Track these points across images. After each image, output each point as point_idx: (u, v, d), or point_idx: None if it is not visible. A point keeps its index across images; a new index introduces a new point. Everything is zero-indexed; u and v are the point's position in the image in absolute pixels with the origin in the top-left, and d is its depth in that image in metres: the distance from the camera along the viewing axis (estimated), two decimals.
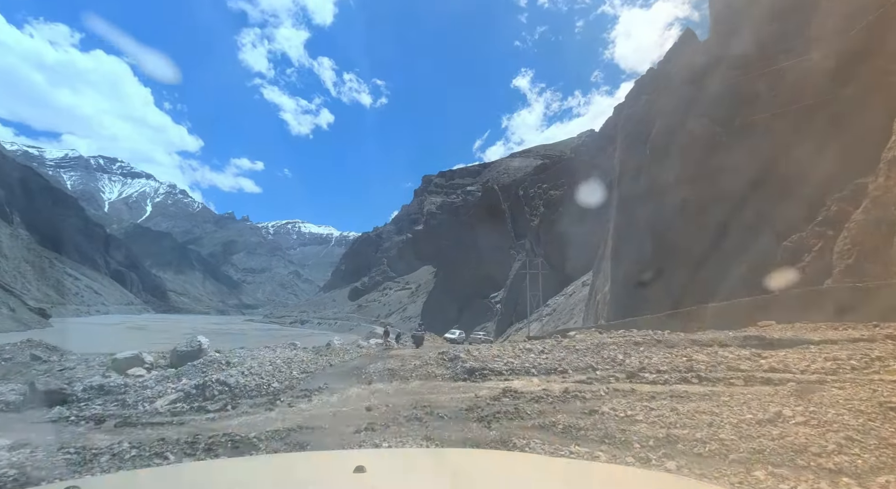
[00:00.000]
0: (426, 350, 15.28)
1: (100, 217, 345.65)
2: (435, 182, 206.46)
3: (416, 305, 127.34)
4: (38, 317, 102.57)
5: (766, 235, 23.70)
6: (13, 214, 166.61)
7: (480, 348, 10.16)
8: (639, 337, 9.82)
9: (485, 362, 8.18)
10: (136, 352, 9.63)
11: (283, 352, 10.88)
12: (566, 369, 7.36)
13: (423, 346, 21.14)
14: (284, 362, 9.46)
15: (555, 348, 9.43)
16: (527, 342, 25.42)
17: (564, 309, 68.42)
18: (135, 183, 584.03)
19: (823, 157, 21.44)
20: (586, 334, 21.47)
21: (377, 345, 21.80)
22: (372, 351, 15.26)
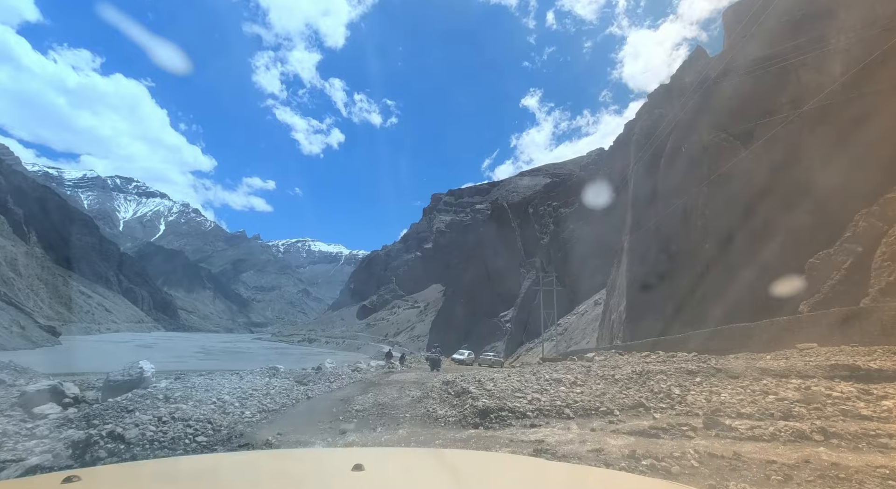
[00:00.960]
0: (430, 376, 13.70)
1: (114, 235, 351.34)
2: (444, 200, 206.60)
3: (424, 324, 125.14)
4: (48, 334, 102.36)
5: (776, 245, 22.23)
6: (30, 233, 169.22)
7: (496, 378, 8.36)
8: (691, 364, 7.96)
9: (503, 399, 6.26)
10: (56, 382, 7.75)
11: (254, 380, 9.05)
12: (611, 409, 5.58)
13: (420, 372, 19.53)
14: (246, 395, 7.69)
15: (588, 377, 7.66)
16: (542, 363, 23.45)
17: (576, 328, 65.96)
18: (149, 202, 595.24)
19: (837, 165, 20.07)
20: (606, 356, 19.58)
21: (378, 367, 20.25)
22: (369, 375, 13.60)
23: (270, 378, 9.83)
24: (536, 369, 11.19)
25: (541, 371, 9.72)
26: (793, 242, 21.44)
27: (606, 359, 17.77)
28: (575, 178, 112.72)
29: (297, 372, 12.34)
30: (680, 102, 36.61)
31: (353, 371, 15.27)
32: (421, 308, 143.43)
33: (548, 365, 14.87)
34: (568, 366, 9.70)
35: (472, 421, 5.68)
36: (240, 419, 6.26)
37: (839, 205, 19.74)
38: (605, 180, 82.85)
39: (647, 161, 38.79)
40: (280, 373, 11.00)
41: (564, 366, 10.70)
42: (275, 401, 7.73)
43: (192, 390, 7.21)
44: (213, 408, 6.47)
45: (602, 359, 18.02)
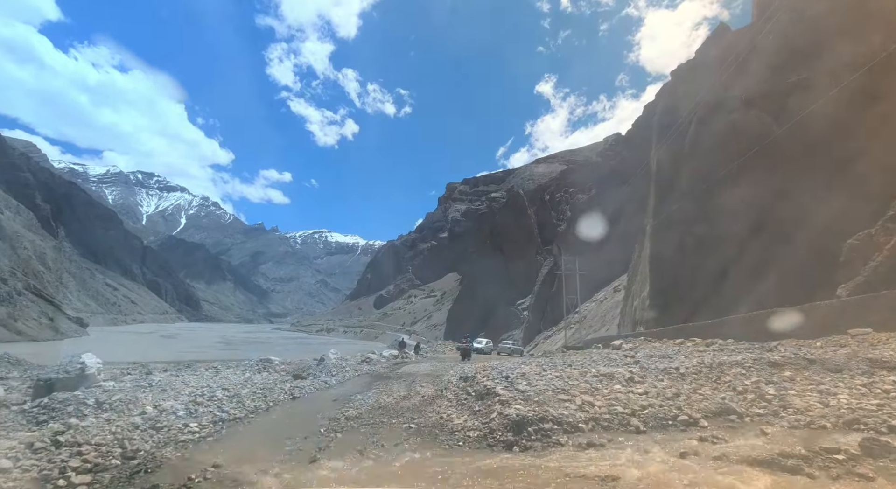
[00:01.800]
0: (445, 368, 12.31)
1: (138, 230, 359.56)
2: (459, 189, 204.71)
3: (441, 313, 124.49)
4: (76, 326, 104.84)
5: (811, 229, 20.43)
6: (59, 228, 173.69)
7: (527, 374, 6.65)
8: (775, 354, 6.42)
9: (542, 404, 4.69)
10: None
11: (231, 377, 7.77)
12: (693, 417, 4.21)
13: (435, 362, 18.27)
14: (206, 398, 6.10)
15: (645, 372, 6.10)
16: (567, 352, 21.95)
17: (595, 316, 64.18)
18: (170, 196, 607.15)
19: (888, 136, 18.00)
20: (635, 344, 18.00)
21: (391, 357, 19.01)
22: (378, 367, 12.35)
23: (256, 373, 8.61)
24: (569, 359, 9.69)
25: (577, 362, 8.19)
26: (830, 224, 19.58)
27: (636, 346, 16.21)
28: (591, 165, 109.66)
29: (296, 364, 11.20)
30: (706, 79, 34.26)
31: (362, 362, 14.01)
32: (437, 297, 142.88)
33: (581, 354, 13.44)
34: (608, 357, 8.22)
35: (502, 437, 4.15)
36: (174, 437, 4.55)
37: (883, 181, 17.80)
38: (624, 165, 79.98)
39: (670, 141, 36.59)
40: (273, 367, 9.71)
41: (602, 355, 9.23)
42: (243, 406, 6.13)
43: (141, 391, 6.05)
44: (137, 421, 4.76)
45: (631, 346, 16.51)
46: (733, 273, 25.69)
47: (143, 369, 10.26)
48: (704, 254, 28.07)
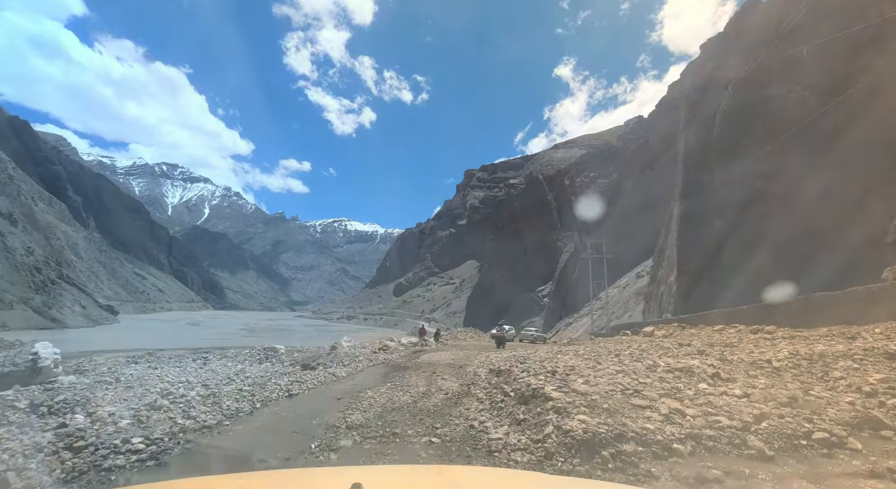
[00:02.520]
0: (469, 357, 11.09)
1: (164, 220, 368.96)
2: (477, 176, 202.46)
3: (460, 300, 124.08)
4: (107, 313, 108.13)
5: (848, 211, 18.64)
6: (89, 219, 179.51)
7: (579, 368, 5.51)
8: (893, 344, 5.23)
9: (615, 413, 3.57)
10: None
11: (224, 369, 6.95)
12: (838, 436, 2.95)
13: (456, 350, 17.25)
14: (173, 399, 5.10)
15: (733, 367, 4.99)
16: (595, 340, 20.79)
17: (618, 302, 62.50)
18: (194, 187, 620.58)
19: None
20: (668, 330, 16.77)
21: (410, 344, 18.04)
22: (396, 355, 11.42)
23: (256, 363, 7.74)
24: (609, 347, 8.60)
25: (623, 351, 7.20)
26: (871, 207, 17.86)
27: (670, 333, 15.00)
28: (612, 148, 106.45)
29: (306, 352, 10.33)
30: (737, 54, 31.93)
31: (379, 350, 13.17)
32: (456, 284, 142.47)
33: (613, 342, 12.32)
34: (663, 348, 7.02)
35: (565, 461, 3.03)
36: (101, 461, 3.32)
37: None
38: (648, 148, 77.00)
39: (699, 120, 34.47)
40: (277, 356, 8.80)
41: (639, 343, 8.11)
42: (219, 410, 4.97)
43: (101, 388, 5.19)
44: (47, 439, 3.52)
45: (664, 333, 15.30)
46: (768, 258, 24.05)
47: (129, 357, 9.42)
48: (737, 237, 26.38)
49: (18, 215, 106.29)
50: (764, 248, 23.67)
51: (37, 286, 79.31)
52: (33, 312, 70.74)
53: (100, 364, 8.26)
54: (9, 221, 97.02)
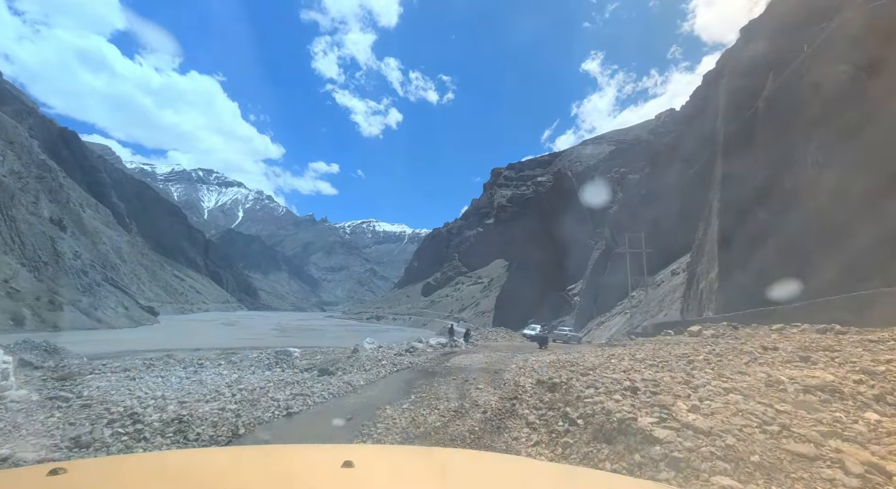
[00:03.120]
0: (504, 360, 10.21)
1: (200, 224, 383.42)
2: (504, 175, 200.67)
3: (489, 300, 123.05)
4: (148, 314, 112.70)
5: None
6: (132, 224, 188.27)
7: (664, 382, 4.27)
8: None
9: (774, 472, 2.33)
10: None
11: (217, 378, 6.19)
12: None
13: (488, 352, 16.50)
14: (115, 429, 4.26)
15: (876, 378, 3.78)
16: (635, 341, 19.53)
17: (652, 300, 60.05)
18: (228, 191, 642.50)
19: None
20: (717, 330, 15.51)
21: (438, 346, 17.27)
22: (423, 358, 10.81)
23: (261, 370, 7.03)
24: (678, 351, 7.45)
25: (694, 355, 6.21)
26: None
27: (719, 333, 13.85)
28: (643, 142, 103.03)
29: (326, 354, 9.85)
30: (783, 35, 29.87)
31: (406, 352, 12.56)
32: (485, 283, 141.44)
33: (658, 342, 11.33)
34: (743, 352, 5.97)
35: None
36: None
37: None
38: (682, 140, 73.93)
39: (740, 105, 32.52)
40: (290, 361, 8.17)
41: (726, 346, 7.01)
42: (183, 439, 4.18)
43: (47, 410, 4.46)
44: None
45: (712, 333, 14.18)
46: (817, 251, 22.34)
47: (147, 360, 9.06)
48: (783, 230, 24.69)
49: (68, 221, 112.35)
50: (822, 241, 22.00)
51: (84, 288, 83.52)
52: (80, 314, 74.49)
53: (96, 370, 7.92)
54: (59, 227, 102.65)
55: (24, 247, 74.66)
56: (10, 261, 67.75)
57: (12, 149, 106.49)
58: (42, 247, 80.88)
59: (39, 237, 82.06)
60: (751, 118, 30.00)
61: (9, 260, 67.79)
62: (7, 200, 76.95)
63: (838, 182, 22.07)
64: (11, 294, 61.82)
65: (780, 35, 29.47)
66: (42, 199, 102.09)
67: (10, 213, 75.45)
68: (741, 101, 31.44)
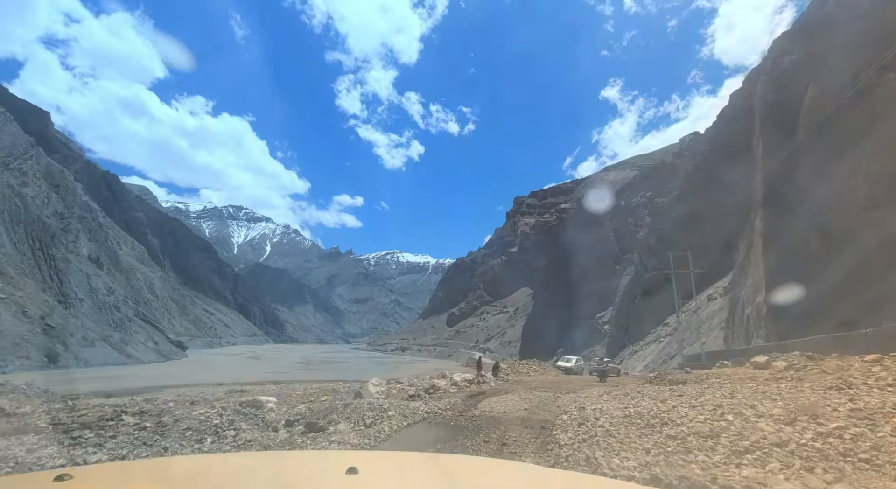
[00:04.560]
0: (547, 405, 8.63)
1: (230, 258, 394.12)
2: (527, 203, 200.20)
3: (515, 329, 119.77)
4: (177, 348, 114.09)
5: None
6: (165, 260, 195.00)
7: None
8: None
9: None
10: None
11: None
12: None
13: (523, 390, 14.77)
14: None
15: None
16: (688, 373, 17.07)
17: (689, 328, 56.83)
18: (257, 226, 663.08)
19: None
20: (789, 359, 13.37)
21: (464, 382, 15.43)
22: (445, 403, 9.01)
23: (192, 442, 5.08)
24: (806, 401, 5.45)
25: (824, 409, 4.72)
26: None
27: (797, 364, 11.89)
28: (668, 166, 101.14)
29: (318, 402, 8.13)
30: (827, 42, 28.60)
31: (424, 392, 10.91)
32: (510, 312, 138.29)
33: (734, 382, 9.57)
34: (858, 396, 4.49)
35: None
36: None
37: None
38: (710, 161, 71.84)
39: (777, 119, 31.06)
40: (258, 415, 6.31)
41: (782, 386, 5.50)
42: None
43: None
44: None
45: (785, 364, 12.30)
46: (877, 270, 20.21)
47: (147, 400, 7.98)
48: (838, 250, 22.62)
49: (104, 258, 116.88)
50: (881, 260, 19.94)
51: (115, 324, 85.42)
52: (112, 349, 75.76)
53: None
54: (95, 264, 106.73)
55: (62, 285, 77.35)
56: (47, 298, 70.07)
57: (57, 191, 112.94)
58: (78, 283, 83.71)
59: (76, 274, 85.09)
60: (790, 131, 28.38)
61: (46, 297, 70.12)
62: (48, 240, 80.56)
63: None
64: (47, 330, 63.44)
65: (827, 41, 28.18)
66: (81, 238, 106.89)
67: (50, 252, 78.75)
68: (779, 115, 29.99)
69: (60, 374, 48.57)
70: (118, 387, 29.52)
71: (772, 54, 36.42)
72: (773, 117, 30.75)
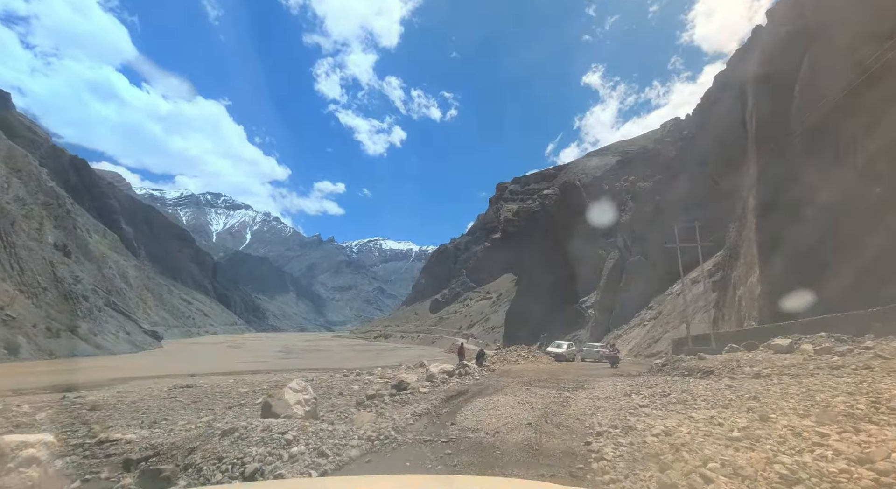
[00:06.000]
0: (550, 401, 7.05)
1: (209, 247, 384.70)
2: (510, 189, 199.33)
3: (498, 315, 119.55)
4: (151, 339, 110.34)
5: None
6: (140, 248, 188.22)
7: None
8: None
9: None
10: None
11: None
12: None
13: (512, 381, 13.07)
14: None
15: None
16: (701, 360, 15.42)
17: (672, 311, 56.76)
18: (236, 214, 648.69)
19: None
20: (818, 342, 12.15)
21: (443, 375, 13.52)
22: (420, 407, 7.32)
23: None
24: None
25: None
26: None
27: (825, 348, 10.68)
28: (650, 152, 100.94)
29: (192, 430, 5.62)
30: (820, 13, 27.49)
31: (394, 389, 8.79)
32: (493, 298, 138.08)
33: (772, 372, 8.29)
34: None
35: None
36: None
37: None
38: (693, 145, 71.47)
39: (772, 92, 30.03)
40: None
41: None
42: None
43: None
44: None
45: (815, 347, 11.04)
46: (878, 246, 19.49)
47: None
48: (836, 226, 21.83)
49: (73, 247, 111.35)
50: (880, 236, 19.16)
51: (83, 314, 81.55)
52: (79, 340, 72.32)
53: None
54: (63, 253, 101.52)
55: (23, 273, 73.11)
56: (7, 287, 66.07)
57: (19, 176, 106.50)
58: (42, 272, 79.38)
59: (39, 263, 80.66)
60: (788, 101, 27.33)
61: (6, 286, 66.13)
62: (7, 227, 75.86)
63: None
64: (7, 321, 59.89)
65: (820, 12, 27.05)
66: (46, 225, 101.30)
67: (10, 239, 74.22)
68: (775, 88, 28.92)
69: (16, 367, 45.70)
70: (65, 381, 27.29)
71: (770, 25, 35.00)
72: (768, 86, 29.68)
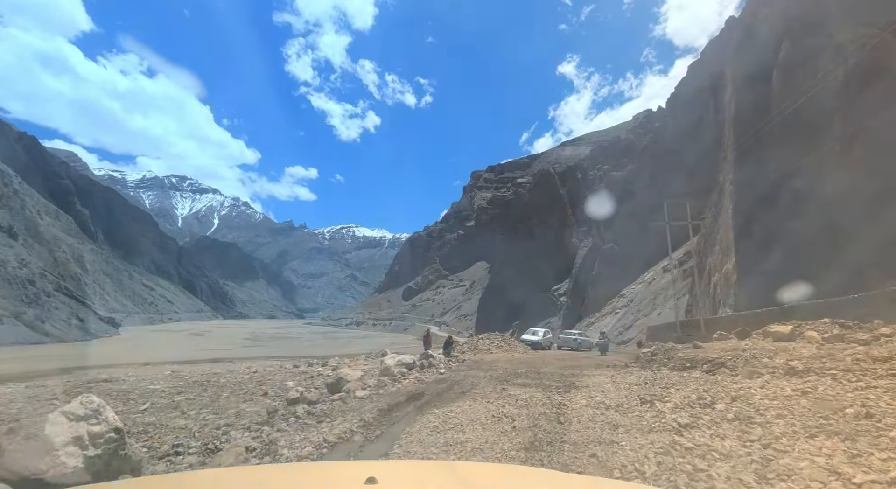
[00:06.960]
0: (542, 420, 5.66)
1: (174, 231, 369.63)
2: (484, 177, 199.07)
3: (471, 303, 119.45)
4: (107, 326, 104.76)
5: None
6: (97, 232, 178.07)
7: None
8: None
9: None
10: None
11: None
12: None
13: (489, 376, 11.70)
14: None
15: None
16: (698, 349, 13.33)
17: (644, 299, 57.37)
18: (203, 198, 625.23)
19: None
20: (820, 328, 11.26)
21: (401, 368, 11.85)
22: (332, 428, 5.70)
23: None
24: None
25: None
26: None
27: (836, 335, 9.70)
28: (622, 142, 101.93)
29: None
30: None
31: (320, 394, 7.23)
32: (466, 286, 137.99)
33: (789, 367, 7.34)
34: None
35: None
36: None
37: None
38: (666, 134, 72.02)
39: (750, 72, 29.65)
40: None
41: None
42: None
43: None
44: None
45: (822, 334, 10.14)
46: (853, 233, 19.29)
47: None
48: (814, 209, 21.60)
49: (20, 228, 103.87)
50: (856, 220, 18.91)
51: (30, 299, 76.24)
52: (24, 327, 67.51)
53: None
54: (8, 234, 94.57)
55: None
56: None
57: None
58: None
59: None
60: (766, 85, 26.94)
61: None
62: None
63: (879, 155, 19.04)
64: None
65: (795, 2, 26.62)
66: None
67: None
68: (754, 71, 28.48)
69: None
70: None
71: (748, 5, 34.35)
72: (747, 69, 29.24)
